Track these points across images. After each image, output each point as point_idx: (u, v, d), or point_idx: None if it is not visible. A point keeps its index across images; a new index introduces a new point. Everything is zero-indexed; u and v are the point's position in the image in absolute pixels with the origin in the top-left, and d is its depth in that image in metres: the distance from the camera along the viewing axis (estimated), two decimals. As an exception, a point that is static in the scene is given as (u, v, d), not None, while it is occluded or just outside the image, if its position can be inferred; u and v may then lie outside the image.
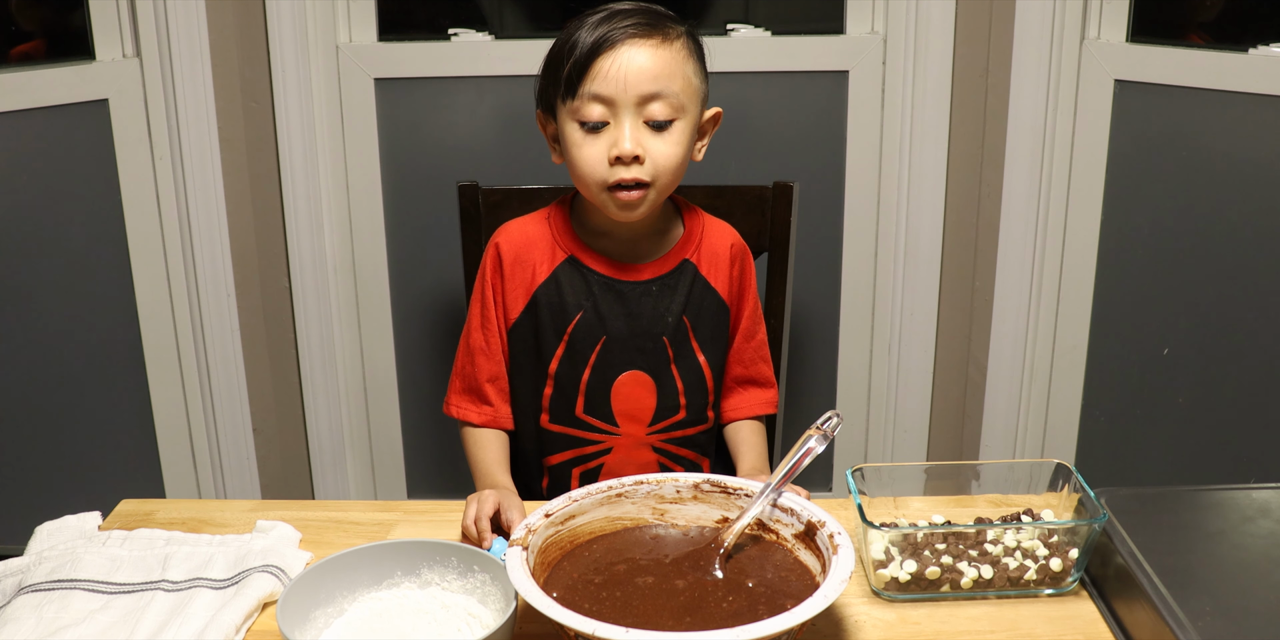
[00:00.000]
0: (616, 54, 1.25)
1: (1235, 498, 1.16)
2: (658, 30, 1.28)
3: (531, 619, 1.00)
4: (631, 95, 1.25)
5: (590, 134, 1.27)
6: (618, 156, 1.26)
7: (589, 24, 1.28)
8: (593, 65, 1.25)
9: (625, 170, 1.27)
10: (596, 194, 1.30)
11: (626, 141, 1.26)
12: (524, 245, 1.38)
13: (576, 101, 1.27)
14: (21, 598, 1.09)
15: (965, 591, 1.10)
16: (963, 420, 2.32)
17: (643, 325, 1.37)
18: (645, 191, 1.29)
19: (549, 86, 1.31)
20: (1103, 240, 2.11)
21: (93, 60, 2.04)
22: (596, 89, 1.25)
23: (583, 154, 1.28)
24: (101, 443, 2.19)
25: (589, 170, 1.28)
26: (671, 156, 1.29)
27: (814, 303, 2.25)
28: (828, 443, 1.11)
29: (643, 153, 1.27)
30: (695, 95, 1.31)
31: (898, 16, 2.08)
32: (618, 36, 1.26)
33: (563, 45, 1.29)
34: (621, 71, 1.25)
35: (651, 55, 1.26)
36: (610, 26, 1.26)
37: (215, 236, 2.16)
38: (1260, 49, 1.91)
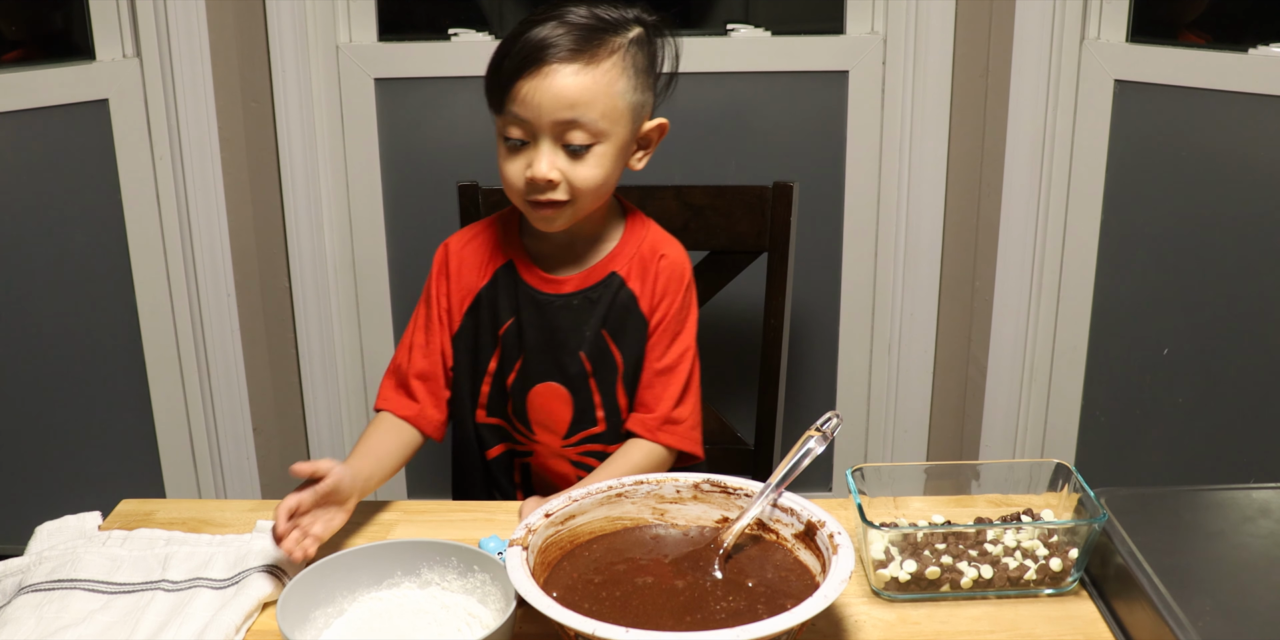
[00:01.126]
0: (537, 79, 1.23)
1: (1235, 498, 1.15)
2: (586, 51, 1.24)
3: (531, 619, 1.00)
4: (547, 122, 1.24)
5: (511, 150, 1.28)
6: (531, 179, 1.26)
7: (534, 23, 1.26)
8: (514, 87, 1.24)
9: (540, 192, 1.27)
10: (519, 204, 1.31)
11: (542, 166, 1.25)
12: (471, 249, 1.39)
13: (502, 118, 1.27)
14: (21, 598, 1.09)
15: (965, 591, 1.10)
16: (963, 420, 2.32)
17: (559, 339, 1.36)
18: (562, 208, 1.29)
19: (488, 86, 1.30)
20: (1103, 240, 2.11)
21: (93, 60, 2.04)
22: (516, 111, 1.25)
23: (506, 167, 1.29)
24: (101, 443, 2.19)
25: (510, 183, 1.29)
26: (589, 179, 1.27)
27: (814, 303, 2.25)
28: (827, 443, 1.11)
29: (558, 177, 1.26)
30: (622, 116, 1.27)
31: (898, 16, 2.08)
32: (543, 58, 1.23)
33: (501, 48, 1.27)
34: (538, 98, 1.23)
35: (572, 81, 1.24)
36: (542, 44, 1.24)
37: (215, 236, 2.16)
38: (1260, 49, 1.91)
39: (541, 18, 1.27)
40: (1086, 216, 2.11)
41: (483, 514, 1.27)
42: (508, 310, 1.36)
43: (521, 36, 1.25)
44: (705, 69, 2.12)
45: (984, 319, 2.23)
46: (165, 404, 2.21)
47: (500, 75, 1.25)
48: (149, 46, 2.05)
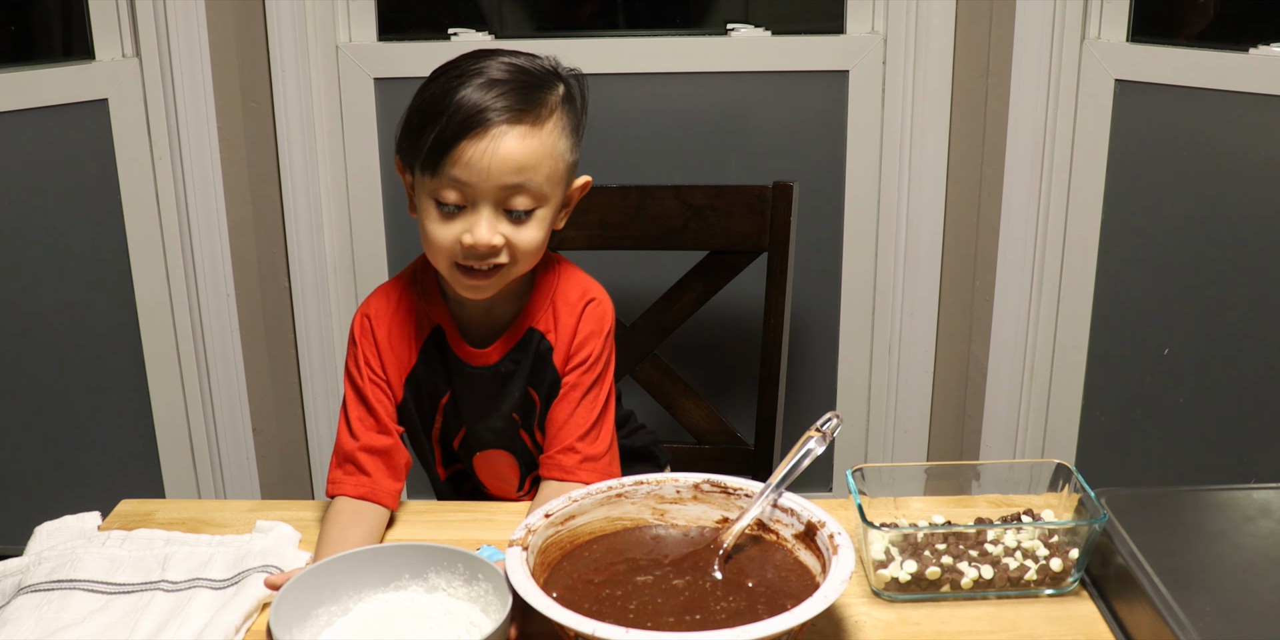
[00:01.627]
0: (481, 142, 1.16)
1: (1236, 498, 1.15)
2: (530, 112, 1.18)
3: (531, 619, 1.00)
4: (492, 186, 1.17)
5: (446, 216, 1.19)
6: (471, 245, 1.18)
7: (460, 89, 1.18)
8: (455, 148, 1.16)
9: (479, 258, 1.20)
10: (445, 269, 1.23)
11: (483, 232, 1.18)
12: (397, 319, 1.31)
13: (436, 180, 1.18)
14: (21, 598, 1.09)
15: (965, 592, 1.10)
16: (963, 420, 2.32)
17: (492, 406, 1.31)
18: (496, 274, 1.22)
19: (408, 146, 1.22)
20: (1103, 240, 2.11)
21: (92, 60, 2.04)
22: (457, 174, 1.17)
23: (436, 231, 1.20)
24: (101, 443, 2.19)
25: (442, 248, 1.21)
26: (530, 242, 1.21)
27: (814, 303, 2.25)
28: (827, 444, 1.11)
29: (501, 242, 1.19)
30: (563, 177, 1.23)
31: (898, 16, 2.08)
32: (486, 119, 1.16)
33: (430, 105, 1.19)
34: (484, 162, 1.16)
35: (519, 145, 1.17)
36: (481, 104, 1.17)
37: (215, 236, 2.16)
38: (1260, 49, 1.91)
39: (461, 75, 1.20)
40: (1087, 216, 2.11)
41: (482, 514, 1.27)
42: (444, 383, 1.31)
43: (451, 96, 1.18)
44: (705, 69, 2.12)
45: (984, 319, 2.22)
46: (165, 404, 2.21)
47: (440, 137, 1.17)
48: (148, 46, 2.05)
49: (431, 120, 1.18)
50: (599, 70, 2.11)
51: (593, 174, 1.44)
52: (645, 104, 2.14)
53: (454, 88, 1.18)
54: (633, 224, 1.64)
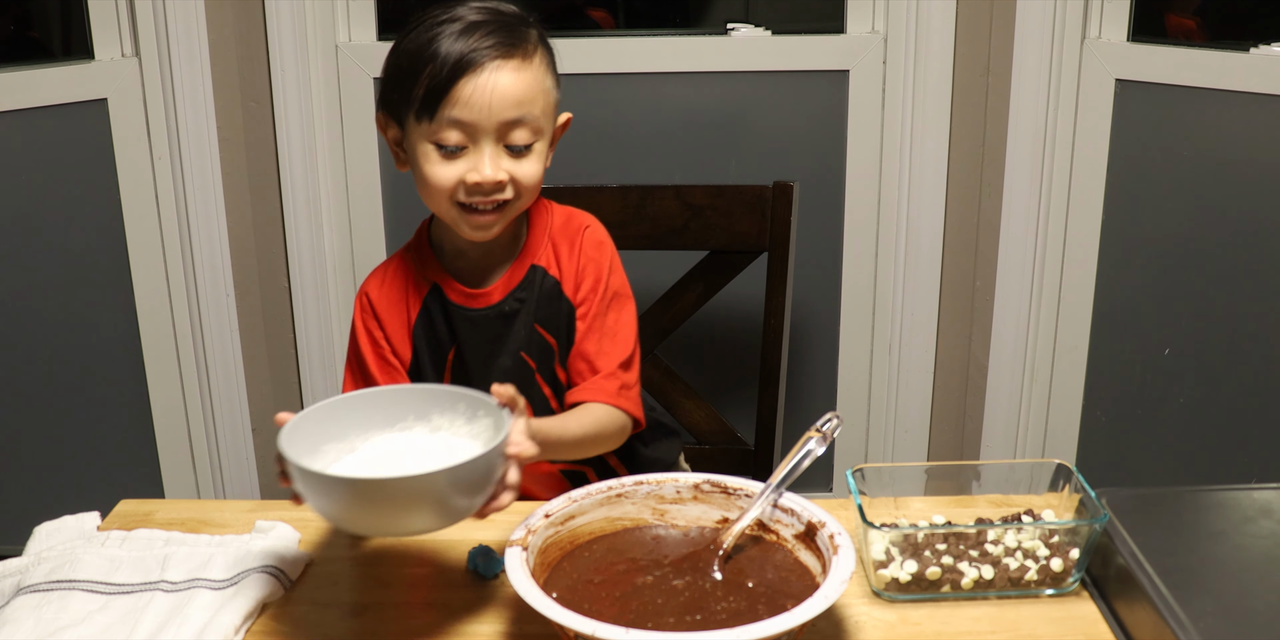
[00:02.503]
0: (478, 79, 1.18)
1: (1236, 498, 1.15)
2: (519, 47, 1.21)
3: (531, 619, 1.00)
4: (493, 122, 1.20)
5: (447, 157, 1.22)
6: (477, 183, 1.21)
7: (445, 35, 1.20)
8: (452, 89, 1.19)
9: (485, 195, 1.22)
10: (448, 211, 1.25)
11: (487, 168, 1.21)
12: (391, 287, 1.33)
13: (434, 124, 1.20)
14: (20, 598, 1.09)
15: (966, 592, 1.10)
16: (963, 420, 2.32)
17: (500, 348, 1.32)
18: (501, 213, 1.25)
19: (396, 97, 1.24)
20: (1103, 240, 2.11)
21: (91, 60, 2.04)
22: (456, 114, 1.19)
23: (437, 173, 1.22)
24: (100, 443, 2.18)
25: (443, 189, 1.23)
26: (532, 176, 1.24)
27: (814, 303, 2.25)
28: (827, 444, 1.11)
29: (505, 177, 1.22)
30: (552, 110, 1.26)
31: (898, 16, 2.08)
32: (479, 57, 1.19)
33: (415, 55, 1.21)
34: (484, 98, 1.19)
35: (514, 79, 1.20)
36: (470, 43, 1.19)
37: (214, 236, 2.16)
38: (1260, 49, 1.91)
39: (438, 23, 1.22)
40: (1087, 216, 2.11)
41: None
42: (447, 340, 1.32)
43: (436, 42, 1.20)
44: (705, 69, 2.12)
45: (985, 319, 2.22)
46: (164, 404, 2.21)
47: (434, 81, 1.19)
48: (148, 46, 2.05)
49: (420, 68, 1.20)
50: (599, 70, 2.11)
51: (593, 174, 1.44)
52: (645, 104, 2.14)
53: (436, 35, 1.21)
54: (633, 224, 1.64)
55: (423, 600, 1.11)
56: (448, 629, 1.07)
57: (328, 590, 1.13)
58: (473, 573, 1.15)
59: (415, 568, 1.17)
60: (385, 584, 1.14)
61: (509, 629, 1.06)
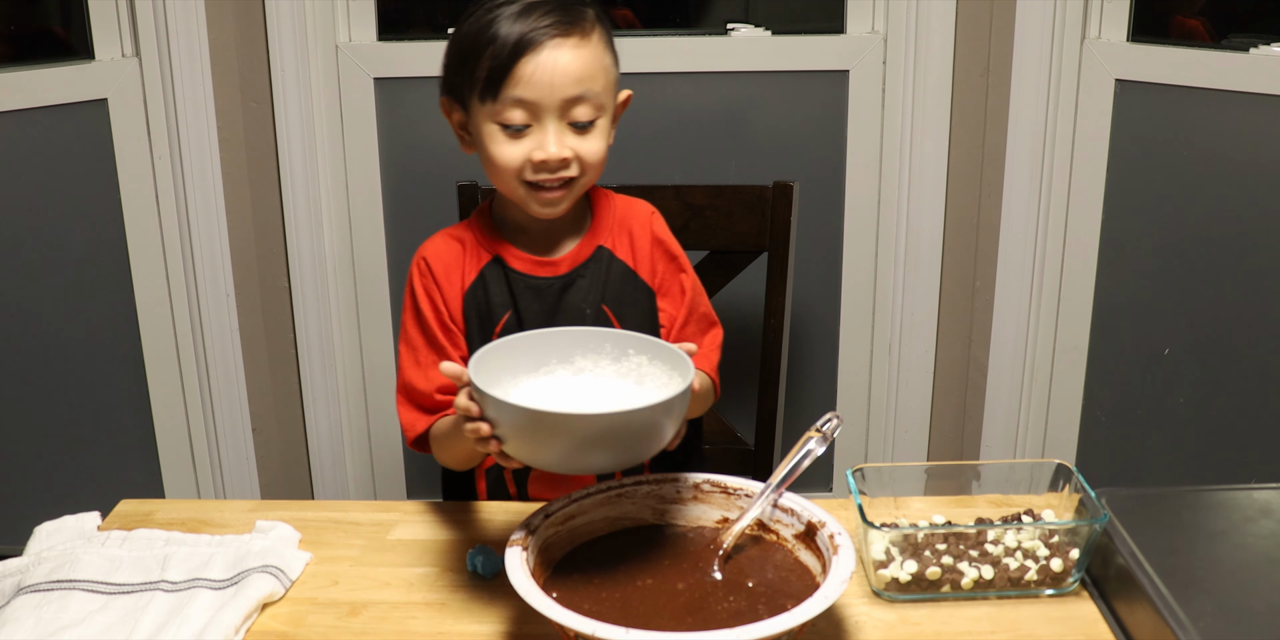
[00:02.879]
0: (539, 57, 1.21)
1: (1236, 498, 1.15)
2: (577, 25, 1.24)
3: (531, 619, 1.00)
4: (556, 100, 1.22)
5: (512, 136, 1.24)
6: (543, 160, 1.23)
7: (504, 17, 1.23)
8: (514, 68, 1.21)
9: (551, 173, 1.25)
10: (515, 189, 1.27)
11: (552, 146, 1.23)
12: (449, 254, 1.35)
13: (497, 104, 1.23)
14: (20, 598, 1.09)
15: (966, 592, 1.10)
16: (963, 420, 2.32)
17: (557, 319, 1.33)
18: (568, 189, 1.27)
19: (459, 80, 1.26)
20: (1103, 240, 2.11)
21: (92, 60, 2.04)
22: (519, 93, 1.22)
23: (504, 152, 1.25)
24: (101, 443, 2.18)
25: (510, 168, 1.25)
26: (596, 152, 1.27)
27: (814, 303, 2.25)
28: (827, 444, 1.11)
29: (570, 154, 1.24)
30: (613, 87, 1.28)
31: (898, 16, 2.08)
32: (539, 37, 1.21)
33: (475, 38, 1.24)
34: (546, 76, 1.21)
35: (574, 56, 1.23)
36: (529, 24, 1.22)
37: (214, 236, 2.16)
38: (1260, 49, 1.91)
39: (496, 6, 1.24)
40: (1087, 216, 2.11)
41: (482, 514, 1.27)
42: (501, 305, 1.33)
43: (496, 25, 1.22)
44: (705, 69, 2.12)
45: (984, 319, 2.22)
46: (164, 404, 2.21)
47: (493, 58, 1.22)
48: (148, 46, 2.05)
49: (481, 49, 1.22)
50: (599, 70, 2.10)
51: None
52: (645, 104, 2.13)
53: (495, 17, 1.23)
54: (633, 224, 1.63)
55: (423, 600, 1.11)
56: (448, 629, 1.07)
57: (328, 590, 1.13)
58: (473, 573, 1.15)
59: (415, 568, 1.17)
60: (385, 584, 1.14)
61: (509, 629, 1.06)
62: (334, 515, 1.27)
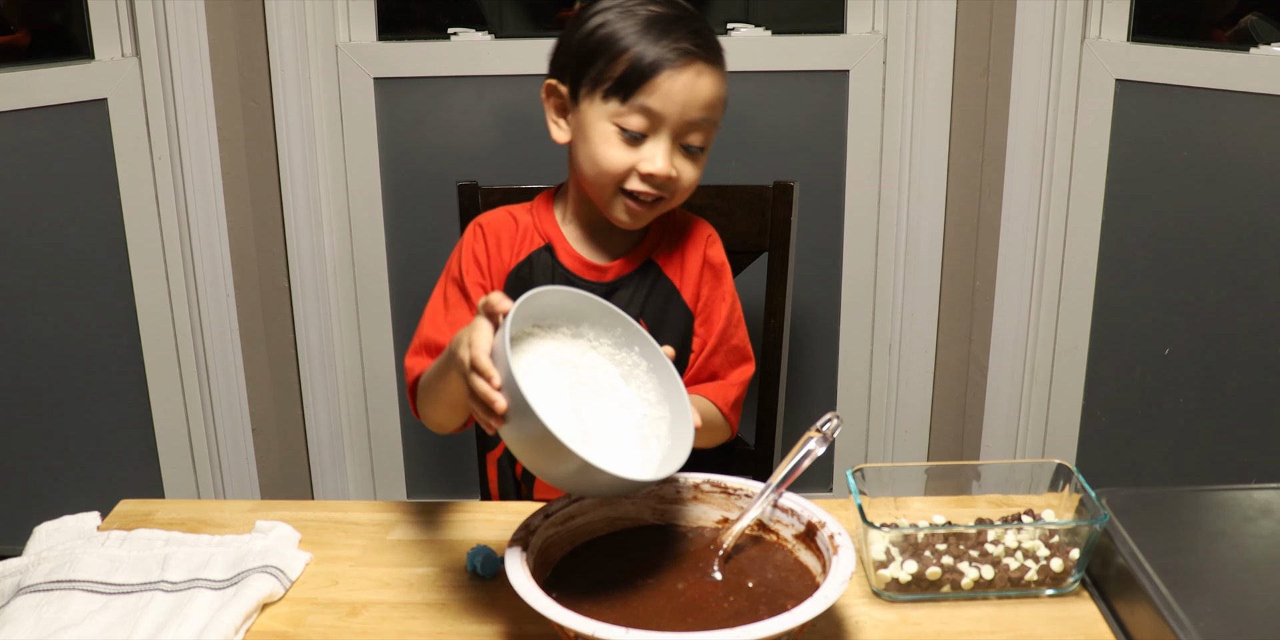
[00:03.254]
0: (681, 75, 1.21)
1: (1236, 498, 1.15)
2: (718, 54, 1.25)
3: (531, 619, 1.00)
4: (682, 120, 1.23)
5: (626, 141, 1.24)
6: (650, 174, 1.24)
7: (650, 24, 1.22)
8: (655, 79, 1.21)
9: (651, 188, 1.25)
10: (605, 192, 1.27)
11: (661, 162, 1.23)
12: (506, 227, 1.35)
13: (624, 107, 1.23)
14: (20, 598, 1.09)
15: (966, 592, 1.10)
16: (963, 420, 2.32)
17: None
18: (656, 207, 1.28)
19: (581, 71, 1.25)
20: (1103, 240, 2.11)
21: (91, 60, 2.04)
22: (650, 104, 1.22)
23: (610, 154, 1.24)
24: (100, 443, 2.18)
25: (612, 170, 1.25)
26: (693, 179, 1.28)
27: (814, 303, 2.25)
28: (827, 445, 1.11)
29: (675, 174, 1.25)
30: (721, 121, 1.29)
31: (898, 16, 2.07)
32: (687, 56, 1.21)
33: (612, 37, 1.23)
34: (682, 95, 1.22)
35: (711, 83, 1.24)
36: (677, 39, 1.21)
37: (214, 236, 2.16)
38: (1261, 49, 1.91)
39: (638, 3, 1.24)
40: (1087, 216, 2.11)
41: (482, 514, 1.27)
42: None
43: (649, 27, 1.21)
44: (705, 68, 2.12)
45: (985, 319, 2.22)
46: (164, 404, 2.21)
47: (637, 65, 1.21)
48: (148, 46, 2.04)
49: (620, 48, 1.22)
50: (599, 70, 2.10)
51: (592, 174, 1.44)
52: (645, 104, 2.14)
53: (639, 19, 1.23)
54: (633, 224, 1.63)
55: (423, 600, 1.11)
56: (448, 629, 1.07)
57: (328, 590, 1.13)
58: (473, 573, 1.15)
59: (415, 568, 1.17)
60: (385, 584, 1.14)
61: (509, 629, 1.06)
62: (334, 515, 1.26)
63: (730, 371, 1.37)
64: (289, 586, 1.13)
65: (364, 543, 1.21)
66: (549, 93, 1.30)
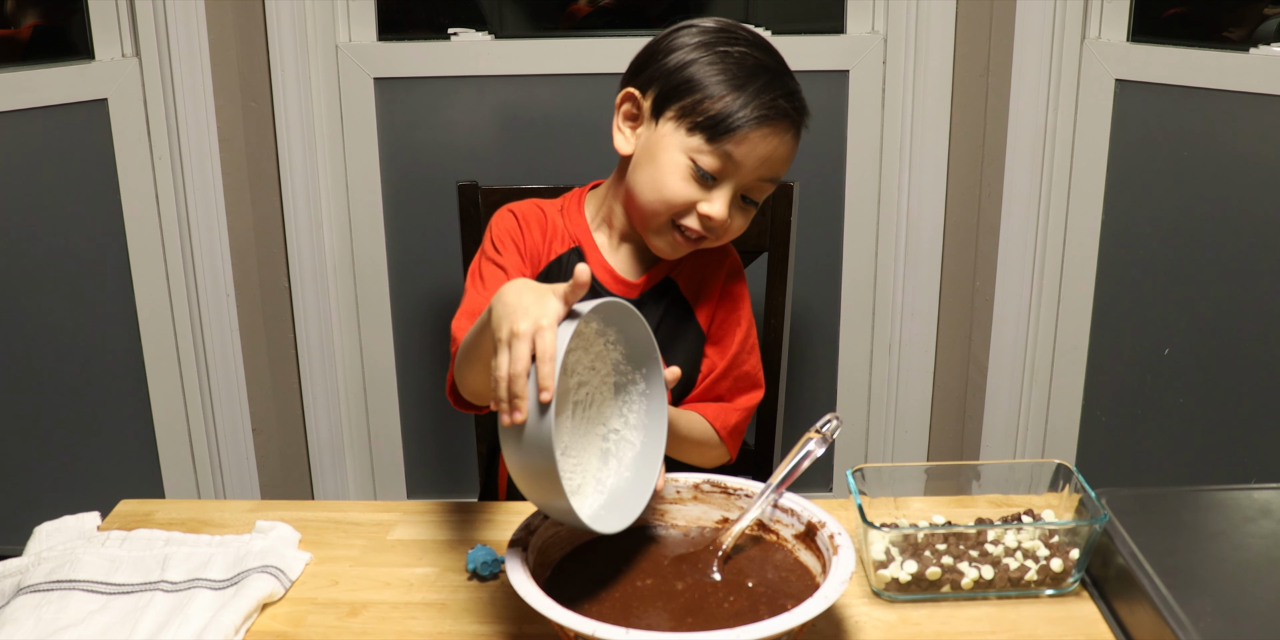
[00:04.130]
0: (771, 135, 1.23)
1: (1236, 498, 1.15)
2: (805, 114, 1.27)
3: (531, 619, 1.00)
4: (755, 174, 1.24)
5: (695, 177, 1.24)
6: (708, 216, 1.24)
7: (745, 71, 1.22)
8: (744, 132, 1.21)
9: (705, 230, 1.26)
10: (657, 220, 1.26)
11: (721, 208, 1.24)
12: (536, 218, 1.34)
13: (706, 146, 1.22)
14: (20, 598, 1.09)
15: (966, 592, 1.10)
16: (963, 420, 2.32)
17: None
18: (699, 244, 1.28)
19: (668, 95, 1.24)
20: (1103, 240, 2.11)
21: (92, 60, 2.04)
22: (733, 153, 1.22)
23: (678, 187, 1.24)
24: (101, 443, 2.18)
25: (673, 201, 1.24)
26: (740, 230, 1.29)
27: (814, 303, 2.25)
28: (827, 445, 1.11)
29: (729, 222, 1.26)
30: None
31: (898, 16, 2.07)
32: (785, 118, 1.24)
33: (706, 74, 1.23)
34: (766, 152, 1.23)
35: (793, 147, 1.26)
36: (773, 98, 1.22)
37: (214, 236, 2.16)
38: (1260, 49, 1.91)
39: (745, 41, 1.25)
40: (1087, 216, 2.11)
41: (482, 515, 1.27)
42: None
43: (757, 76, 1.23)
44: (705, 69, 2.12)
45: (984, 319, 2.22)
46: (164, 404, 2.21)
47: (738, 114, 1.21)
48: (148, 46, 2.04)
49: (718, 88, 1.22)
50: (599, 70, 2.11)
51: (594, 174, 1.44)
52: (645, 104, 2.14)
53: (747, 65, 1.23)
54: (633, 224, 1.63)
55: (423, 600, 1.11)
56: (448, 629, 1.07)
57: (328, 590, 1.13)
58: (473, 573, 1.15)
59: (415, 568, 1.17)
60: (385, 584, 1.14)
61: (509, 629, 1.06)
62: (334, 515, 1.26)
63: (737, 396, 1.38)
64: (289, 586, 1.13)
65: (364, 543, 1.21)
66: (625, 99, 1.29)
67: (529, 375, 0.90)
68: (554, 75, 2.12)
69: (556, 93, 2.12)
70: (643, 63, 1.29)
